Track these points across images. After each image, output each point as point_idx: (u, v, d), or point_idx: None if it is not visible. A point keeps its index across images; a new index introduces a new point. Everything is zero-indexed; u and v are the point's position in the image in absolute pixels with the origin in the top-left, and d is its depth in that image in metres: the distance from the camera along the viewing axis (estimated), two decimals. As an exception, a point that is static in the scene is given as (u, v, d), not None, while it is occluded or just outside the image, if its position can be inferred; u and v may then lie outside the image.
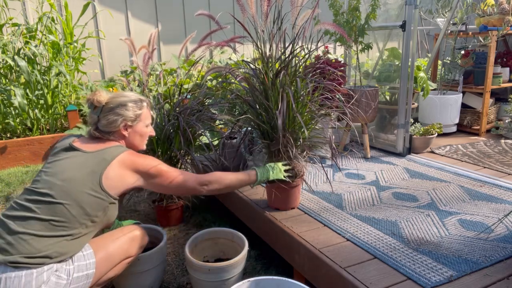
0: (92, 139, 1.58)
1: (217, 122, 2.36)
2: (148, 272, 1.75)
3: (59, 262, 1.34)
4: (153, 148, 2.28)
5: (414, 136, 2.95)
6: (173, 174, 1.61)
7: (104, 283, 1.56)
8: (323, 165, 2.19)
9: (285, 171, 1.88)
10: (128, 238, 1.60)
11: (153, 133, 1.75)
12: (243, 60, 1.82)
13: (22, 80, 3.68)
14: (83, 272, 1.40)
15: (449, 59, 3.86)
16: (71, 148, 1.52)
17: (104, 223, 1.52)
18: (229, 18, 1.92)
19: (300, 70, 1.89)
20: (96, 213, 1.44)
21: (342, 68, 2.86)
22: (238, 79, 1.92)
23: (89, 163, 1.46)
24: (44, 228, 1.33)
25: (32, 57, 3.57)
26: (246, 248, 1.75)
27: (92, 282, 1.45)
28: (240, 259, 1.69)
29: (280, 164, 1.87)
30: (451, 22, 3.46)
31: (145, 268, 1.73)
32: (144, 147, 1.73)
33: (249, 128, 2.04)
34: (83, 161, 1.47)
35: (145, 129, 1.68)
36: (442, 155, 2.93)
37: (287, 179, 1.88)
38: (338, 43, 3.00)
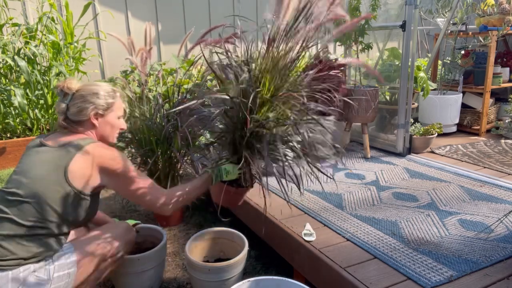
0: (62, 134, 1.50)
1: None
2: (148, 272, 1.75)
3: (37, 262, 1.31)
4: (153, 148, 2.28)
5: (414, 136, 2.94)
6: (140, 183, 1.48)
7: (95, 281, 1.51)
8: (323, 165, 2.15)
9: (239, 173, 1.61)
10: (112, 235, 1.53)
11: (124, 127, 1.65)
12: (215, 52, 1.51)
13: (22, 80, 3.68)
14: (64, 271, 1.36)
15: (449, 59, 3.86)
16: (40, 145, 1.46)
17: (82, 221, 1.47)
18: (229, 18, 1.91)
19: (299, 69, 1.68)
20: (66, 210, 1.38)
21: (342, 68, 2.85)
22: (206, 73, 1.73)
23: (54, 158, 1.40)
24: (15, 229, 1.30)
25: (32, 57, 3.56)
26: (246, 248, 1.75)
27: (78, 280, 1.41)
28: (240, 259, 1.69)
29: (235, 166, 1.56)
30: (451, 22, 3.46)
31: (145, 268, 1.73)
32: (115, 140, 1.64)
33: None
34: (49, 156, 1.41)
35: (117, 120, 1.60)
36: (442, 155, 2.92)
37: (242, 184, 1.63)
38: (338, 43, 3.00)
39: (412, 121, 3.03)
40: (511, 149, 3.06)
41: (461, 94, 3.55)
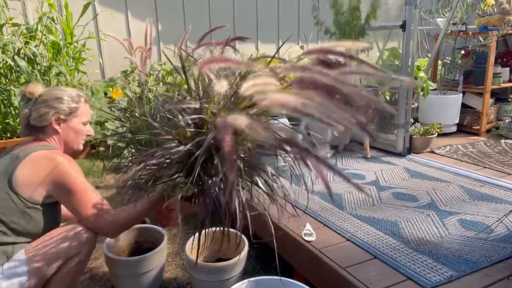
0: (27, 142, 1.46)
1: None
2: (149, 273, 1.75)
3: None
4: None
5: (414, 136, 2.94)
6: (86, 199, 1.37)
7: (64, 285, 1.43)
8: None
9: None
10: (65, 237, 1.40)
11: (91, 133, 1.59)
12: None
13: (22, 80, 3.68)
14: (15, 280, 1.29)
15: (449, 59, 3.86)
16: (6, 153, 1.44)
17: (41, 233, 1.39)
18: (230, 19, 1.91)
19: None
20: (11, 219, 1.31)
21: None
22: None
23: (4, 165, 1.36)
24: None
25: (32, 57, 3.56)
26: (246, 248, 1.75)
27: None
28: (240, 259, 1.69)
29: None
30: (451, 22, 3.46)
31: (145, 269, 1.73)
32: (81, 147, 1.57)
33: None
34: (1, 163, 1.37)
35: (81, 126, 1.54)
36: (442, 155, 2.92)
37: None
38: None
39: (412, 121, 3.03)
40: (511, 149, 3.06)
41: (461, 94, 3.55)
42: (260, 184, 1.23)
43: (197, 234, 1.44)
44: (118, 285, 1.79)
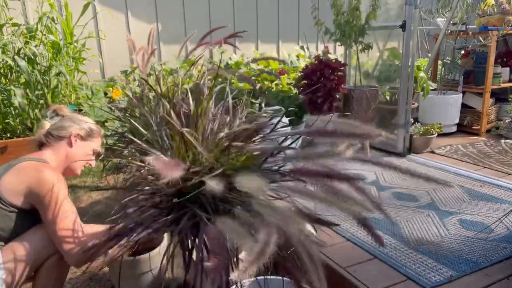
0: (30, 152, 1.50)
1: None
2: (149, 273, 1.75)
3: None
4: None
5: (414, 136, 2.95)
6: (61, 219, 1.33)
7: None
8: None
9: None
10: (42, 234, 1.41)
11: (93, 164, 1.64)
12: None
13: (22, 80, 3.68)
14: None
15: (449, 59, 3.86)
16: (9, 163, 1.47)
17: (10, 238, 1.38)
18: (230, 19, 1.90)
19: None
20: None
21: (342, 68, 2.86)
22: None
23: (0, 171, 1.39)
24: None
25: (32, 57, 3.56)
26: (246, 248, 1.74)
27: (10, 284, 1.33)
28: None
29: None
30: (451, 22, 3.46)
31: (145, 269, 1.73)
32: (79, 172, 1.62)
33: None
34: None
35: (91, 152, 1.60)
36: (442, 155, 2.92)
37: None
38: (338, 43, 3.00)
39: (412, 121, 3.03)
40: (511, 149, 3.06)
41: (461, 94, 3.55)
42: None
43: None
44: (118, 285, 1.79)
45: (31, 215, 1.39)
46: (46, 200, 1.34)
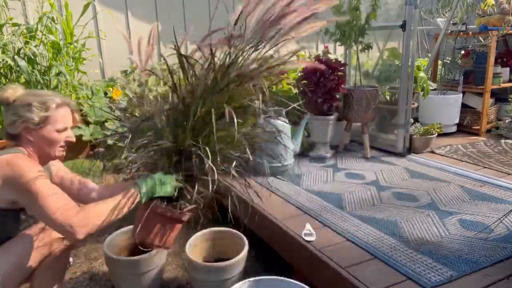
0: (9, 147, 1.41)
1: None
2: (149, 273, 1.75)
3: None
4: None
5: (414, 136, 2.94)
6: (51, 200, 1.24)
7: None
8: (323, 165, 2.15)
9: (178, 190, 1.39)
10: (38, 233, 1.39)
11: (71, 139, 1.47)
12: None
13: (22, 80, 3.68)
14: None
15: (449, 59, 3.86)
16: None
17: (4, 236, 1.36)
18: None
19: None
20: None
21: (342, 68, 2.86)
22: None
23: None
24: None
25: (32, 57, 3.56)
26: (246, 248, 1.75)
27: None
28: (240, 259, 1.69)
29: (172, 177, 1.38)
30: (451, 22, 3.46)
31: (145, 269, 1.73)
32: (60, 154, 1.46)
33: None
34: None
35: (55, 134, 1.41)
36: (442, 155, 2.93)
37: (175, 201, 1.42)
38: (338, 43, 3.00)
39: (412, 121, 3.03)
40: (511, 149, 3.06)
41: (461, 94, 3.55)
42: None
43: (197, 234, 1.48)
44: (118, 285, 1.79)
45: (13, 216, 1.36)
46: (25, 188, 1.25)
